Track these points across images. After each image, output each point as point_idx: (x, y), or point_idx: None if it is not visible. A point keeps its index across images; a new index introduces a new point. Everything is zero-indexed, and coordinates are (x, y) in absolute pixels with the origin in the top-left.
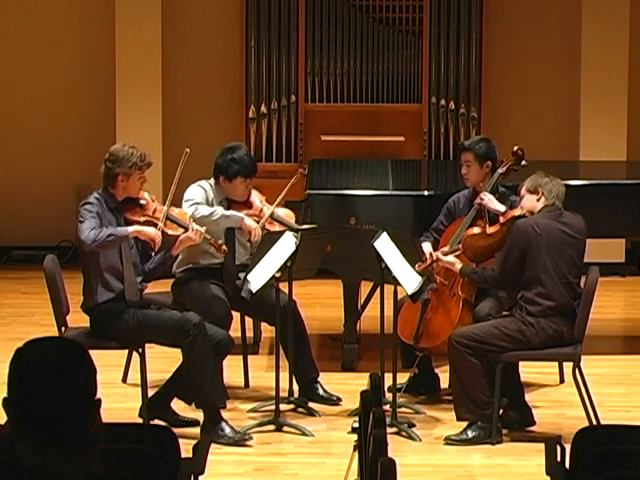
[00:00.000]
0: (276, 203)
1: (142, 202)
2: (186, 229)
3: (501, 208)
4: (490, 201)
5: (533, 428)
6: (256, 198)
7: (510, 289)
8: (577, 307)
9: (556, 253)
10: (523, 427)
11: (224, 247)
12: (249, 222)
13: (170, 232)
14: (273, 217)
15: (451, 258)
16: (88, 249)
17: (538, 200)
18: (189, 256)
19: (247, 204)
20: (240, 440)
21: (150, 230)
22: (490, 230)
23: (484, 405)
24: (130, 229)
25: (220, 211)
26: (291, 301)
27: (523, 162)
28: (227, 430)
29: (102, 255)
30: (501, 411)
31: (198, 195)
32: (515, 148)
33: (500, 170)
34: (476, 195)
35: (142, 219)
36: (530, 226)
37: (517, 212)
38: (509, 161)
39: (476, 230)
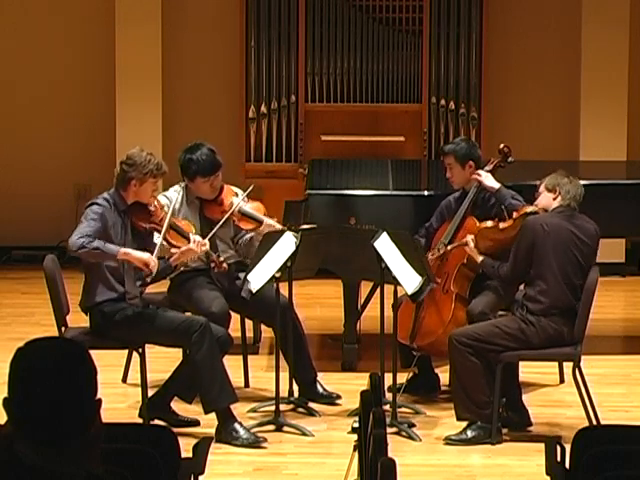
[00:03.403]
0: (241, 198)
1: (151, 208)
2: (189, 240)
3: (496, 185)
4: (486, 178)
5: (533, 428)
6: (229, 194)
7: (509, 286)
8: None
9: (562, 253)
10: (520, 428)
11: (225, 265)
12: (138, 255)
13: (172, 242)
14: (241, 212)
15: (474, 250)
16: (72, 254)
17: (554, 199)
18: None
19: (218, 201)
20: (255, 442)
21: (142, 255)
22: (502, 225)
23: (484, 405)
24: (121, 250)
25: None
26: (290, 303)
27: (510, 159)
28: (241, 432)
29: None
30: (500, 410)
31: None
32: (501, 146)
33: (487, 168)
34: (465, 195)
35: (148, 225)
36: (539, 224)
37: (530, 208)
38: (495, 159)
39: (489, 224)
